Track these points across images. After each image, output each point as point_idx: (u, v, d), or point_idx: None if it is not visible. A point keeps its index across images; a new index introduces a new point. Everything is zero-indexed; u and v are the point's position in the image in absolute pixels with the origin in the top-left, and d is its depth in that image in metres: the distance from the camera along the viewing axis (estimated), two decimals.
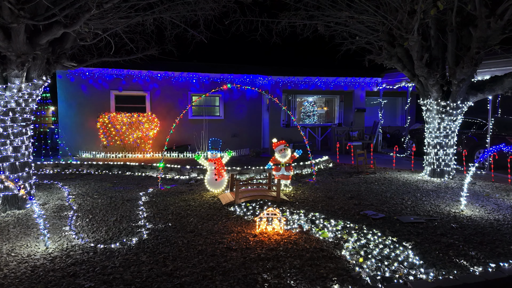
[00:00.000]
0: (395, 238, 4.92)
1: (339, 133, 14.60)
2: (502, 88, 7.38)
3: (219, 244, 4.71)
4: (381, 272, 3.93)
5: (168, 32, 9.01)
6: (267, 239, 4.90)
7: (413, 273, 3.92)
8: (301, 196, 7.18)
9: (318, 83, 14.69)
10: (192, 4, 7.95)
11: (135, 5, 6.47)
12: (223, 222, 5.58)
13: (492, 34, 7.11)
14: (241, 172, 9.20)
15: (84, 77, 13.17)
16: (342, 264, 4.15)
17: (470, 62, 6.89)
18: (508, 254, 4.42)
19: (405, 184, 8.16)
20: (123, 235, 4.99)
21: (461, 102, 7.75)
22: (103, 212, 6.03)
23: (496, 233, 5.13)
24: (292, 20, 8.34)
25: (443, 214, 5.99)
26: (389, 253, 4.41)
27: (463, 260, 4.24)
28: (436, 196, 7.13)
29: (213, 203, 6.65)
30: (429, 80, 7.61)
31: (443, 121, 8.01)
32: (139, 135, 12.93)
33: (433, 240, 4.84)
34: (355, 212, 6.10)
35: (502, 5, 6.07)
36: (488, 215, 5.94)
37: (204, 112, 14.50)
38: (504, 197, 7.06)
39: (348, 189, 7.78)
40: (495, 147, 6.28)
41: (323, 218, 5.72)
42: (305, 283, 3.70)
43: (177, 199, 6.90)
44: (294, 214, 6.00)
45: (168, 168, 9.57)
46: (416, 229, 5.26)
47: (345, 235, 5.01)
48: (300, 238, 4.94)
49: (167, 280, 3.74)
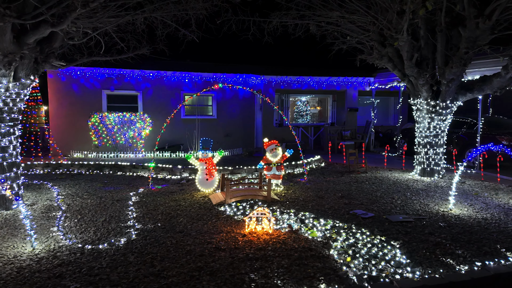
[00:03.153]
0: (383, 237, 4.94)
1: (332, 133, 14.64)
2: (491, 88, 7.45)
3: (208, 244, 4.70)
4: (368, 271, 3.94)
5: (159, 32, 8.97)
6: (256, 238, 4.90)
7: (399, 272, 3.94)
8: (292, 196, 7.19)
9: (310, 82, 14.72)
10: (183, 3, 7.92)
11: (125, 4, 6.43)
12: (213, 222, 5.57)
13: (481, 34, 7.16)
14: (233, 172, 9.19)
15: (75, 76, 13.07)
16: (329, 263, 4.16)
17: (459, 62, 6.94)
18: (494, 252, 4.46)
19: (395, 183, 8.20)
20: (112, 236, 4.97)
21: (451, 101, 7.81)
22: (92, 212, 5.99)
23: (484, 232, 5.18)
24: (283, 20, 8.34)
25: (431, 213, 6.03)
26: (377, 252, 4.43)
27: (450, 259, 4.27)
28: (425, 195, 7.17)
29: (204, 203, 6.64)
30: (419, 80, 7.66)
31: (433, 120, 8.06)
32: (131, 135, 12.86)
33: (421, 239, 4.87)
34: (345, 211, 6.12)
35: (490, 5, 6.12)
36: (476, 214, 5.99)
37: (197, 112, 14.47)
38: (493, 196, 7.13)
39: (339, 188, 7.81)
40: (483, 146, 6.34)
41: (313, 218, 5.73)
42: (292, 282, 3.71)
43: (168, 199, 6.88)
44: (284, 213, 6.00)
45: (160, 168, 9.54)
46: (404, 228, 5.29)
47: (334, 235, 5.03)
48: (289, 237, 4.95)
49: (154, 280, 3.72)
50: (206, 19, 9.28)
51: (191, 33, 9.45)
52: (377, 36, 7.87)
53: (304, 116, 16.91)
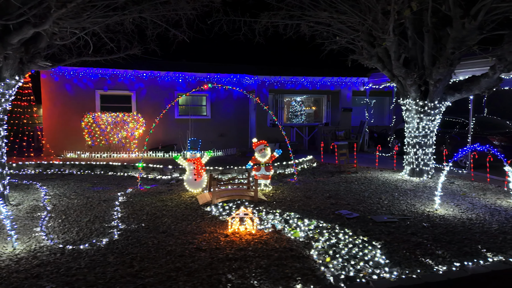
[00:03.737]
0: (365, 237, 4.95)
1: (325, 133, 14.64)
2: (479, 88, 7.45)
3: (189, 244, 4.70)
4: (346, 272, 3.94)
5: (149, 32, 8.97)
6: (239, 239, 4.91)
7: (377, 272, 3.94)
8: (280, 196, 7.19)
9: (304, 82, 14.72)
10: (172, 4, 7.92)
11: (111, 4, 6.42)
12: (197, 223, 5.57)
13: (469, 35, 7.17)
14: (223, 172, 9.20)
15: (68, 76, 13.07)
16: (308, 263, 4.16)
17: (446, 63, 6.94)
18: (474, 253, 4.46)
19: (384, 183, 8.20)
20: (94, 236, 4.97)
21: (439, 102, 7.81)
22: (77, 212, 5.99)
23: (467, 232, 5.18)
24: (272, 20, 8.34)
25: (417, 213, 6.03)
26: (357, 253, 4.43)
27: (429, 259, 4.28)
28: (413, 196, 7.18)
29: (190, 203, 6.64)
30: (407, 80, 7.66)
31: (422, 121, 8.07)
32: (123, 135, 12.86)
33: (402, 239, 4.88)
34: (330, 211, 6.12)
35: (475, 5, 6.12)
36: (462, 214, 5.99)
37: (190, 112, 14.47)
38: (481, 196, 7.13)
39: (328, 188, 7.81)
40: (469, 147, 6.34)
41: (298, 218, 5.73)
42: (268, 283, 3.71)
43: (155, 199, 6.88)
44: (270, 213, 6.00)
45: (151, 168, 9.54)
46: (388, 229, 5.30)
47: (316, 235, 5.03)
48: (272, 238, 4.95)
49: (131, 281, 3.72)
50: (197, 19, 9.29)
51: (182, 33, 9.46)
52: (366, 36, 7.87)
53: (299, 116, 16.90)
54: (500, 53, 6.81)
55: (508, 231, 5.25)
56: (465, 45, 7.49)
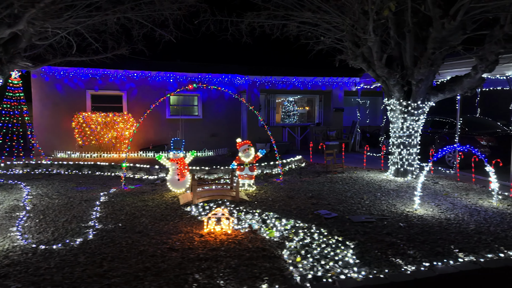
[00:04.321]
0: (340, 237, 4.95)
1: (317, 133, 14.65)
2: (462, 88, 7.45)
3: (163, 244, 4.70)
4: (314, 272, 3.95)
5: (135, 32, 8.98)
6: (213, 239, 4.91)
7: (346, 272, 3.95)
8: (263, 196, 7.19)
9: (295, 83, 14.72)
10: (156, 4, 7.92)
11: (92, 4, 6.43)
12: (175, 223, 5.58)
13: (451, 35, 7.18)
14: (209, 172, 9.20)
15: (59, 76, 13.07)
16: (278, 263, 4.16)
17: (427, 63, 6.94)
18: (446, 253, 4.46)
19: (368, 183, 8.21)
20: (69, 236, 4.97)
21: (422, 102, 7.81)
22: (56, 212, 5.99)
23: (442, 232, 5.18)
24: (255, 19, 8.34)
25: (396, 214, 6.04)
26: (329, 252, 4.43)
27: (400, 259, 4.28)
28: (395, 196, 7.18)
29: (172, 203, 6.64)
30: (389, 80, 7.67)
31: (406, 121, 8.07)
32: (114, 135, 12.86)
33: (377, 239, 4.88)
34: (309, 211, 6.12)
35: (454, 5, 6.12)
36: (441, 214, 5.99)
37: (181, 112, 14.47)
38: (463, 196, 7.13)
39: (312, 188, 7.81)
40: (449, 147, 6.35)
41: (276, 218, 5.74)
42: (234, 283, 3.71)
43: (136, 199, 6.88)
44: (249, 213, 6.01)
45: (137, 168, 9.54)
46: (364, 229, 5.30)
47: (291, 235, 5.03)
48: (246, 238, 4.96)
49: (97, 281, 3.73)
50: (183, 19, 9.30)
51: (169, 33, 9.47)
52: (351, 36, 7.87)
53: (291, 116, 16.90)
54: (482, 53, 6.81)
55: (484, 231, 5.26)
56: (449, 45, 7.49)
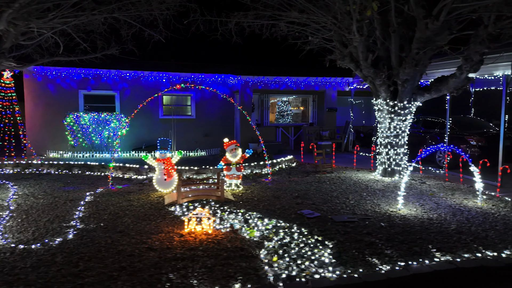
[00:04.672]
0: (320, 237, 4.96)
1: (310, 133, 14.66)
2: (448, 88, 7.46)
3: (142, 244, 4.71)
4: (289, 271, 3.96)
5: (124, 32, 8.99)
6: (193, 238, 4.92)
7: (320, 271, 3.96)
8: (249, 196, 7.20)
9: (288, 83, 14.73)
10: (144, 4, 7.93)
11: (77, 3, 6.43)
12: (157, 222, 5.59)
13: (439, 34, 7.19)
14: (198, 172, 9.21)
15: (51, 76, 13.06)
16: (255, 263, 4.17)
17: (411, 63, 6.95)
18: (423, 253, 4.47)
19: (355, 183, 8.22)
20: (49, 236, 4.98)
21: (408, 102, 7.82)
22: (39, 212, 6.00)
23: (423, 232, 5.19)
24: (242, 19, 8.34)
25: (379, 213, 6.05)
26: (306, 252, 4.44)
27: (376, 258, 4.29)
28: (381, 196, 7.19)
29: (157, 203, 6.65)
30: (376, 80, 7.68)
31: (393, 121, 8.08)
32: (105, 135, 12.86)
33: (356, 239, 4.89)
34: (293, 211, 6.13)
35: (437, 6, 6.13)
36: (423, 214, 6.01)
37: (174, 112, 14.48)
38: (448, 196, 7.14)
39: (299, 188, 7.82)
40: (432, 147, 6.37)
41: (259, 218, 5.75)
42: (208, 282, 3.72)
43: (122, 199, 6.89)
44: (233, 213, 6.02)
45: (127, 168, 9.56)
46: (345, 228, 5.31)
47: (271, 234, 5.04)
48: (226, 237, 4.97)
49: (71, 280, 3.74)
50: (173, 20, 9.32)
51: (159, 33, 9.49)
52: (338, 36, 7.88)
53: (285, 116, 16.92)
54: (467, 53, 6.82)
55: (465, 231, 5.27)
56: (436, 45, 7.51)
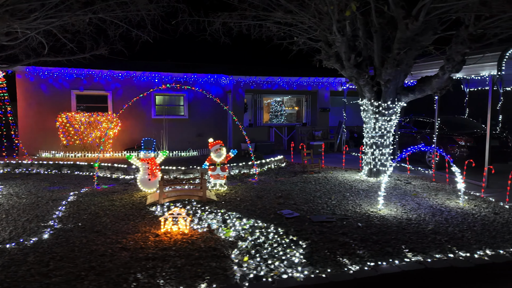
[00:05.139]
0: (295, 237, 4.97)
1: (303, 133, 14.67)
2: (431, 88, 7.46)
3: (116, 244, 4.73)
4: (257, 271, 3.97)
5: (111, 32, 9.01)
6: (168, 238, 4.94)
7: (289, 271, 3.97)
8: (232, 196, 7.21)
9: (280, 83, 14.74)
10: (129, 5, 7.95)
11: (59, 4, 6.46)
12: (135, 222, 5.60)
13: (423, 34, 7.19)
14: (186, 172, 9.23)
15: (43, 76, 13.10)
16: (225, 263, 4.19)
17: (392, 63, 6.95)
18: (395, 253, 4.48)
19: (341, 183, 8.22)
20: (25, 235, 5.00)
21: (392, 102, 7.82)
22: (19, 212, 6.03)
23: (399, 233, 5.20)
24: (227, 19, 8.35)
25: (359, 214, 6.05)
26: (278, 252, 4.45)
27: (347, 259, 4.29)
28: (364, 196, 7.19)
29: (139, 203, 6.67)
30: (359, 81, 7.68)
31: (378, 121, 8.08)
32: (97, 135, 12.90)
33: (330, 239, 4.89)
34: (273, 211, 6.14)
35: (416, 6, 6.13)
36: (403, 215, 6.01)
37: (166, 112, 14.51)
38: (431, 197, 7.14)
39: (283, 188, 7.83)
40: (413, 147, 6.36)
41: (237, 218, 5.76)
42: (174, 282, 3.74)
43: (104, 199, 6.91)
44: (213, 213, 6.03)
45: (115, 168, 9.59)
46: (321, 228, 5.32)
47: (247, 234, 5.06)
48: (202, 237, 4.98)
49: (38, 280, 3.76)
50: (161, 20, 9.34)
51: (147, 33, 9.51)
52: (323, 36, 7.88)
53: (279, 116, 16.93)
54: (448, 53, 6.82)
55: (442, 231, 5.27)
56: (421, 45, 7.51)
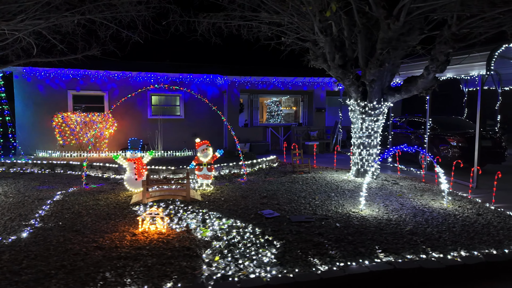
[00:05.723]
0: (271, 237, 4.98)
1: (299, 133, 14.67)
2: (417, 88, 7.43)
3: (92, 243, 4.78)
4: (225, 271, 4.00)
5: (102, 33, 9.08)
6: (145, 238, 4.98)
7: (258, 271, 3.99)
8: (217, 196, 7.24)
9: (276, 83, 14.75)
10: (117, 6, 8.01)
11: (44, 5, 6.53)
12: (116, 222, 5.66)
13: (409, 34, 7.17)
14: (175, 172, 9.28)
15: (40, 77, 13.26)
16: (196, 263, 4.22)
17: (375, 63, 6.93)
18: (367, 253, 4.47)
19: (328, 183, 8.22)
20: (5, 234, 5.07)
21: (378, 102, 7.79)
22: (4, 211, 6.11)
23: (376, 233, 5.19)
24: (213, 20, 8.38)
25: (340, 214, 6.05)
26: (250, 252, 4.47)
27: (318, 259, 4.30)
28: (349, 196, 7.19)
29: (123, 203, 6.73)
30: (344, 81, 7.67)
31: (365, 121, 8.06)
32: (93, 135, 13.01)
33: (305, 239, 4.90)
34: (254, 211, 6.16)
35: (397, 6, 6.11)
36: (384, 215, 5.99)
37: (161, 112, 14.60)
38: (416, 197, 7.11)
39: (270, 188, 7.84)
40: (395, 147, 6.35)
41: (218, 217, 5.79)
42: (141, 281, 3.77)
43: (90, 198, 6.98)
44: (194, 213, 6.07)
45: (106, 168, 9.67)
46: (299, 228, 5.33)
47: (223, 234, 5.08)
48: (178, 237, 5.02)
49: (9, 277, 3.81)
50: (152, 20, 9.39)
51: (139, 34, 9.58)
52: (310, 36, 7.87)
53: (276, 116, 16.94)
54: (432, 53, 6.79)
55: (420, 232, 5.25)
56: (407, 45, 7.48)
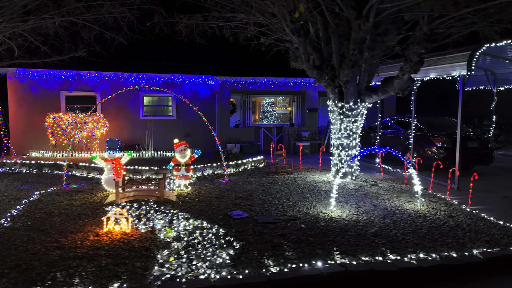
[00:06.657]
0: (232, 238, 4.99)
1: (290, 134, 14.65)
2: (393, 89, 7.37)
3: (54, 243, 4.83)
4: (176, 272, 4.02)
5: (86, 34, 9.17)
6: (107, 238, 5.02)
7: (208, 272, 4.00)
8: (193, 197, 7.27)
9: (267, 83, 14.74)
10: (98, 8, 8.08)
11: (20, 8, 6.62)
12: (84, 222, 5.71)
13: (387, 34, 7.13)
14: (157, 172, 9.33)
15: (33, 78, 13.43)
16: (149, 263, 4.24)
17: (348, 64, 6.90)
18: (323, 255, 4.46)
19: (306, 184, 8.19)
20: None
21: (354, 103, 7.75)
22: None
23: (340, 235, 5.17)
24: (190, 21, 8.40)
25: (309, 215, 6.03)
26: (207, 253, 4.49)
27: (272, 260, 4.30)
28: (324, 197, 7.16)
29: (98, 203, 6.79)
30: (321, 82, 7.65)
31: (343, 122, 8.02)
32: (84, 135, 13.13)
33: (266, 240, 4.90)
34: (224, 212, 6.17)
35: (365, 7, 6.07)
36: (353, 217, 5.97)
37: (152, 112, 14.68)
38: (392, 199, 7.06)
39: (248, 189, 7.85)
40: (366, 149, 6.32)
41: (186, 218, 5.82)
42: (89, 281, 3.81)
43: (66, 198, 7.05)
44: (164, 213, 6.10)
45: (91, 168, 9.75)
46: (263, 229, 5.33)
47: (186, 235, 5.11)
48: (140, 237, 5.05)
49: None
50: (136, 22, 9.46)
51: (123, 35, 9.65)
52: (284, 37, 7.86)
53: (269, 117, 16.93)
54: (406, 53, 6.74)
55: (384, 234, 5.22)
56: (385, 45, 7.44)
